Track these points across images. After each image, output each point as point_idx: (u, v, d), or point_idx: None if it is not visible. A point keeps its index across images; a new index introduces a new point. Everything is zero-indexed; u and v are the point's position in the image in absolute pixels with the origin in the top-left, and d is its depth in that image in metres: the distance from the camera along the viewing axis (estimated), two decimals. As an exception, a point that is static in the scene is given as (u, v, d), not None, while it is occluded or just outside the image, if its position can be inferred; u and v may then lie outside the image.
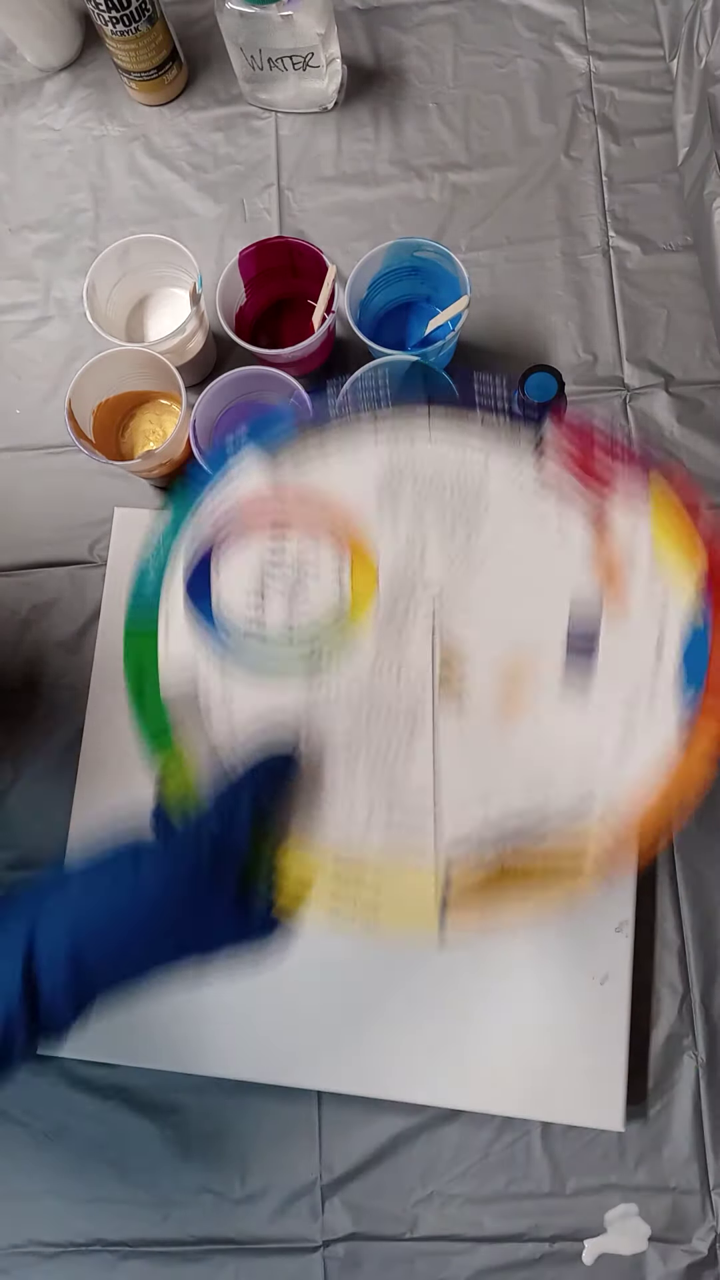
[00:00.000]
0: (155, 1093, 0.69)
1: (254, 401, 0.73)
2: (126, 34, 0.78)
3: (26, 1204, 0.69)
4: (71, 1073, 0.70)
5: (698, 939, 0.69)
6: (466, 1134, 0.67)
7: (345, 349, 0.78)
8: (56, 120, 0.86)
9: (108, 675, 0.73)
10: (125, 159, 0.85)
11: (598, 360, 0.77)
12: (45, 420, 0.80)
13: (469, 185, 0.81)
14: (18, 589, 0.78)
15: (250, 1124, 0.69)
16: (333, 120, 0.84)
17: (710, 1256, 0.65)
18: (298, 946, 0.68)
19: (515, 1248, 0.66)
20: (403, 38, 0.85)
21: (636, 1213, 0.66)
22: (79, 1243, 0.68)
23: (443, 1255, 0.67)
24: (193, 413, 0.68)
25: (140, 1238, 0.68)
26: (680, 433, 0.75)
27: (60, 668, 0.76)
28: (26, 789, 0.75)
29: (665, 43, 0.81)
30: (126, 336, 0.77)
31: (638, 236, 0.79)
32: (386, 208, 0.82)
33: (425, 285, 0.74)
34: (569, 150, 0.81)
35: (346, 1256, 0.67)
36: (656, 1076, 0.67)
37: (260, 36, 0.76)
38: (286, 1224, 0.68)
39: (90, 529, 0.78)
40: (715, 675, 0.49)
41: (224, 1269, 0.67)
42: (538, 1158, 0.67)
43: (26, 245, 0.84)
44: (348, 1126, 0.68)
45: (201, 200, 0.83)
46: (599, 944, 0.66)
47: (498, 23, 0.84)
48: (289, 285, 0.75)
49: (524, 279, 0.79)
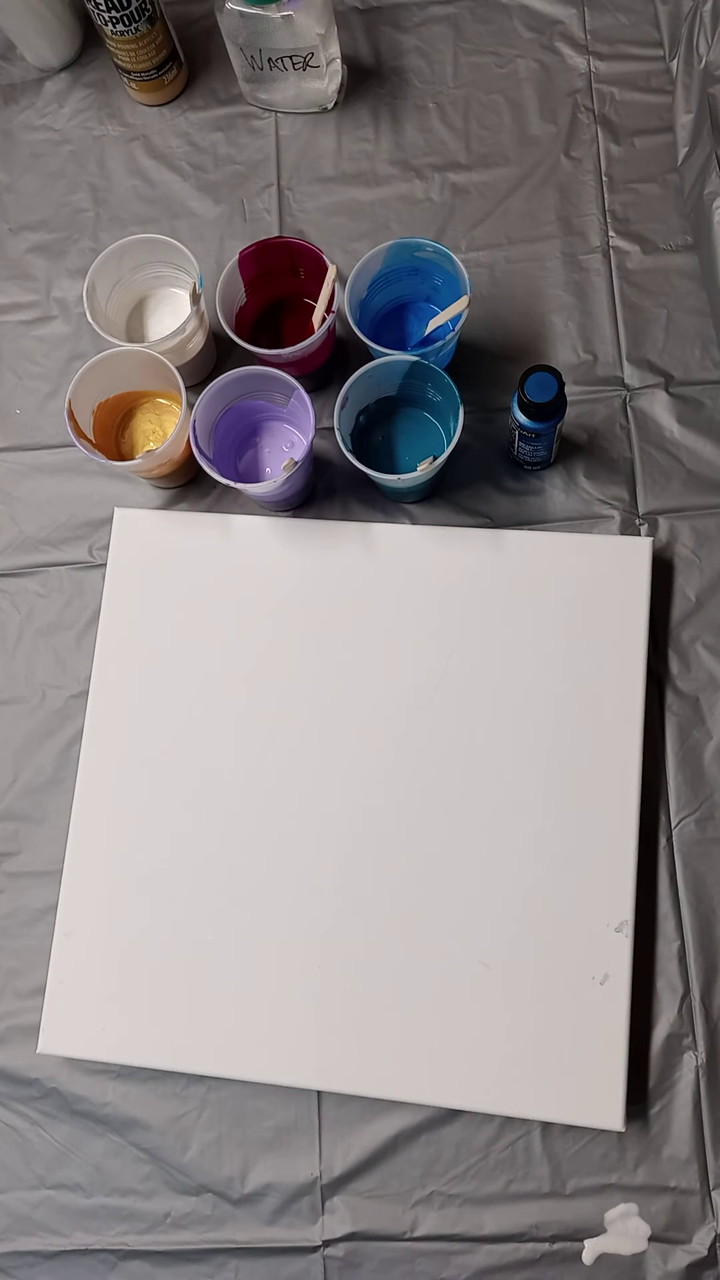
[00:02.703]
0: (155, 1093, 0.70)
1: (254, 401, 0.73)
2: (126, 34, 0.78)
3: (27, 1204, 0.69)
4: (72, 1073, 0.70)
5: (698, 939, 0.69)
6: (466, 1134, 0.67)
7: (345, 349, 0.78)
8: (56, 120, 0.86)
9: (108, 675, 0.73)
10: (125, 159, 0.85)
11: (598, 360, 0.77)
12: (45, 420, 0.80)
13: (469, 185, 0.81)
14: (18, 589, 0.78)
15: (250, 1124, 0.69)
16: (333, 120, 0.84)
17: (710, 1256, 0.65)
18: (297, 945, 0.68)
19: (515, 1248, 0.66)
20: (403, 38, 0.85)
21: (636, 1213, 0.66)
22: (79, 1243, 0.68)
23: (443, 1255, 0.67)
24: (193, 413, 0.68)
25: (140, 1238, 0.68)
26: (680, 433, 0.75)
27: (60, 668, 0.76)
28: (27, 789, 0.75)
29: (665, 43, 0.81)
30: (126, 336, 0.77)
31: (638, 236, 0.79)
32: (386, 208, 0.82)
33: (425, 285, 0.74)
34: (569, 150, 0.81)
35: (346, 1256, 0.67)
36: (656, 1076, 0.67)
37: (260, 36, 0.76)
38: (286, 1224, 0.68)
39: (90, 529, 0.78)
40: None
41: (224, 1269, 0.67)
42: (538, 1158, 0.67)
43: (26, 245, 0.84)
44: (348, 1126, 0.68)
45: (201, 200, 0.83)
46: (599, 944, 0.66)
47: (498, 23, 0.84)
48: (289, 285, 0.75)
49: (524, 279, 0.79)
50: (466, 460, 0.76)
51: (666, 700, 0.72)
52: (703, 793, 0.70)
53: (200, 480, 0.78)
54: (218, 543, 0.75)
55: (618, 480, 0.75)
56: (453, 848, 0.69)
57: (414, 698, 0.71)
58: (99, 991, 0.69)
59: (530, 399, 0.64)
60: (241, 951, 0.69)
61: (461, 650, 0.71)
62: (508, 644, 0.71)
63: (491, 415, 0.76)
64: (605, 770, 0.69)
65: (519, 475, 0.76)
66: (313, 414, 0.68)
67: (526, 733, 0.70)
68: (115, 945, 0.70)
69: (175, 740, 0.72)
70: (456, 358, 0.77)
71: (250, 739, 0.72)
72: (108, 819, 0.71)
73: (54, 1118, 0.70)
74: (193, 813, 0.71)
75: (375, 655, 0.72)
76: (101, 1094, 0.70)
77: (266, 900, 0.69)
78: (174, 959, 0.69)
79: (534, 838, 0.68)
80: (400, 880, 0.69)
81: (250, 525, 0.75)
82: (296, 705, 0.72)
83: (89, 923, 0.70)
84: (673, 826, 0.70)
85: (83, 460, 0.79)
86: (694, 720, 0.71)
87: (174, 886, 0.70)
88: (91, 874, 0.71)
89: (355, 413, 0.71)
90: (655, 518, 0.74)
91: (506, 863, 0.68)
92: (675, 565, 0.74)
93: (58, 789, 0.74)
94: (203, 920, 0.69)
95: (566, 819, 0.68)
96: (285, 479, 0.67)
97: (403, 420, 0.75)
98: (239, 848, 0.70)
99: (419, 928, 0.68)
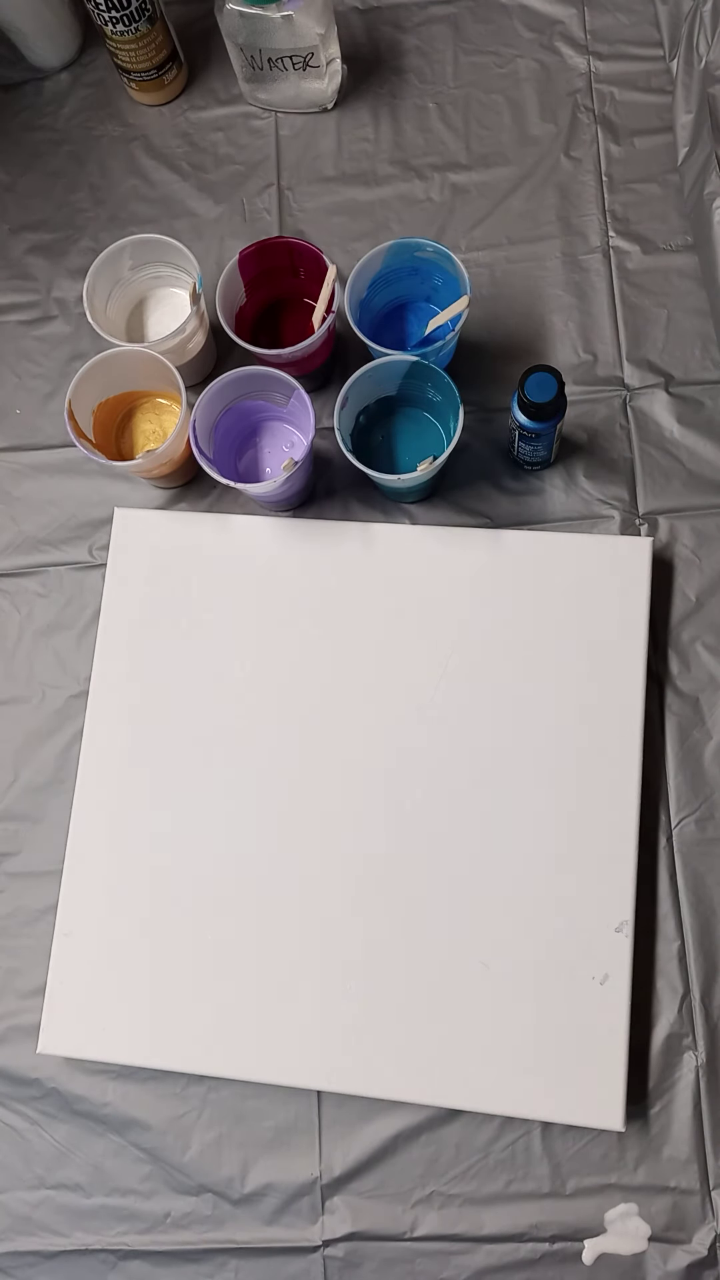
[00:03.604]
0: (155, 1093, 0.70)
1: (254, 401, 0.73)
2: (126, 34, 0.78)
3: (27, 1204, 0.69)
4: (72, 1073, 0.70)
5: (698, 939, 0.69)
6: (466, 1134, 0.67)
7: (345, 349, 0.78)
8: (56, 120, 0.86)
9: (108, 675, 0.73)
10: (125, 159, 0.85)
11: (598, 360, 0.77)
12: (45, 420, 0.80)
13: (469, 185, 0.81)
14: (18, 589, 0.78)
15: (250, 1124, 0.69)
16: (333, 120, 0.84)
17: (710, 1256, 0.65)
18: (297, 945, 0.68)
19: (515, 1248, 0.66)
20: (403, 38, 0.85)
21: (636, 1213, 0.66)
22: (79, 1243, 0.68)
23: (443, 1255, 0.67)
24: (193, 413, 0.68)
25: (140, 1238, 0.68)
26: (680, 433, 0.75)
27: (60, 668, 0.76)
28: (27, 789, 0.75)
29: (665, 43, 0.81)
30: (126, 336, 0.77)
31: (638, 236, 0.79)
32: (386, 208, 0.82)
33: (425, 285, 0.74)
34: (569, 150, 0.81)
35: (346, 1256, 0.67)
36: (656, 1076, 0.67)
37: (260, 36, 0.76)
38: (286, 1224, 0.68)
39: (90, 529, 0.78)
40: None
41: (224, 1269, 0.67)
42: (538, 1158, 0.67)
43: (26, 245, 0.84)
44: (348, 1126, 0.68)
45: (201, 200, 0.83)
46: (599, 944, 0.66)
47: (498, 23, 0.84)
48: (289, 285, 0.75)
49: (524, 279, 0.79)
50: (466, 460, 0.76)
51: (666, 700, 0.72)
52: (703, 793, 0.70)
53: (200, 480, 0.78)
54: (218, 543, 0.75)
55: (618, 480, 0.75)
56: (452, 847, 0.69)
57: (414, 697, 0.71)
58: (99, 991, 0.69)
59: (530, 399, 0.64)
60: (241, 951, 0.69)
61: (461, 650, 0.71)
62: (508, 644, 0.71)
63: (491, 415, 0.76)
64: (605, 770, 0.69)
65: (519, 475, 0.76)
66: (313, 414, 0.68)
67: (526, 733, 0.70)
68: (115, 945, 0.70)
69: (175, 740, 0.72)
70: (456, 358, 0.77)
71: (250, 739, 0.72)
72: (108, 819, 0.71)
73: (54, 1118, 0.70)
74: (193, 813, 0.71)
75: (375, 655, 0.72)
76: (101, 1094, 0.70)
77: (266, 900, 0.69)
78: (174, 959, 0.69)
79: (534, 838, 0.68)
80: (400, 880, 0.69)
81: (250, 525, 0.75)
82: (296, 705, 0.72)
83: (89, 923, 0.70)
84: (673, 827, 0.70)
85: (83, 460, 0.79)
86: (694, 720, 0.71)
87: (174, 886, 0.70)
88: (91, 874, 0.71)
89: (355, 413, 0.71)
90: (655, 518, 0.74)
91: (506, 863, 0.68)
92: (675, 565, 0.74)
93: (58, 789, 0.74)
94: (202, 920, 0.69)
95: (566, 819, 0.68)
96: (285, 479, 0.67)
97: (403, 420, 0.75)
98: (238, 848, 0.70)
99: (419, 928, 0.68)
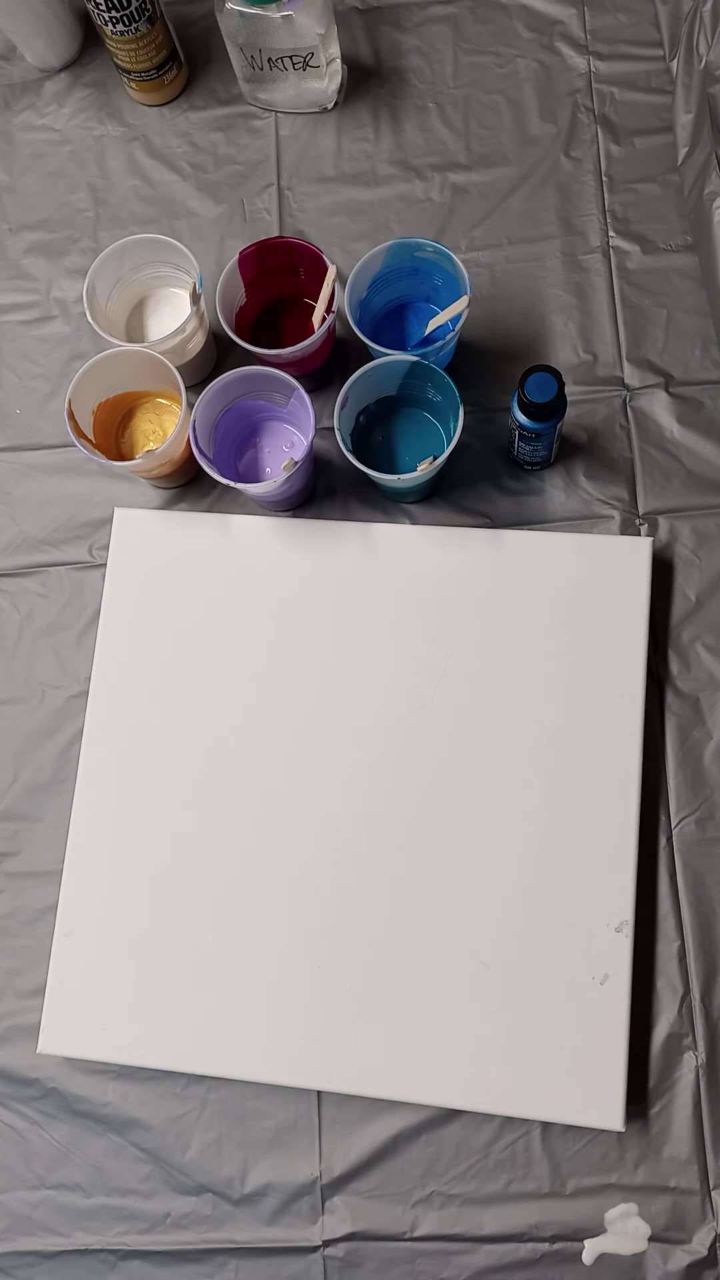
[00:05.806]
0: (155, 1093, 0.70)
1: (254, 401, 0.73)
2: (126, 34, 0.78)
3: (27, 1204, 0.69)
4: (72, 1073, 0.70)
5: (698, 939, 0.69)
6: (466, 1134, 0.67)
7: (345, 349, 0.78)
8: (56, 120, 0.86)
9: (108, 675, 0.73)
10: (125, 159, 0.85)
11: (598, 360, 0.77)
12: (45, 420, 0.80)
13: (469, 185, 0.81)
14: (18, 589, 0.78)
15: (250, 1124, 0.69)
16: (333, 120, 0.84)
17: (710, 1256, 0.65)
18: (297, 945, 0.68)
19: (515, 1248, 0.66)
20: (403, 38, 0.85)
21: (636, 1213, 0.66)
22: (79, 1243, 0.68)
23: (443, 1255, 0.67)
24: (193, 413, 0.68)
25: (140, 1238, 0.68)
26: (680, 433, 0.75)
27: (60, 668, 0.76)
28: (27, 789, 0.75)
29: (665, 43, 0.81)
30: (126, 336, 0.77)
31: (638, 236, 0.79)
32: (386, 208, 0.82)
33: (425, 285, 0.74)
34: (569, 150, 0.81)
35: (346, 1256, 0.67)
36: (656, 1076, 0.67)
37: (260, 36, 0.76)
38: (286, 1224, 0.68)
39: (90, 529, 0.78)
40: None
41: (224, 1269, 0.67)
42: (538, 1158, 0.67)
43: (26, 245, 0.84)
44: (348, 1126, 0.68)
45: (201, 200, 0.83)
46: (599, 944, 0.66)
47: (498, 23, 0.84)
48: (289, 285, 0.75)
49: (524, 279, 0.79)
50: (466, 460, 0.76)
51: (666, 700, 0.72)
52: (703, 793, 0.70)
53: (200, 480, 0.78)
54: (218, 543, 0.75)
55: (618, 480, 0.75)
56: (452, 847, 0.69)
57: (414, 697, 0.71)
58: (99, 991, 0.69)
59: (530, 399, 0.64)
60: (241, 951, 0.69)
61: (461, 650, 0.71)
62: (508, 644, 0.71)
63: (491, 415, 0.76)
64: (605, 770, 0.69)
65: (519, 475, 0.76)
66: (313, 414, 0.68)
67: (526, 733, 0.70)
68: (115, 945, 0.70)
69: (175, 740, 0.72)
70: (456, 358, 0.77)
71: (249, 738, 0.72)
72: (108, 819, 0.71)
73: (54, 1118, 0.70)
74: (193, 812, 0.71)
75: (375, 655, 0.72)
76: (101, 1094, 0.70)
77: (266, 900, 0.69)
78: (174, 959, 0.69)
79: (534, 837, 0.68)
80: (400, 880, 0.69)
81: (250, 525, 0.75)
82: (296, 705, 0.72)
83: (89, 923, 0.70)
84: (673, 826, 0.70)
85: (83, 460, 0.79)
86: (694, 720, 0.71)
87: (174, 886, 0.70)
88: (91, 874, 0.71)
89: (355, 413, 0.71)
90: (655, 518, 0.74)
91: (507, 862, 0.68)
92: (675, 565, 0.74)
93: (58, 789, 0.74)
94: (203, 920, 0.69)
95: (567, 819, 0.68)
96: (285, 479, 0.67)
97: (403, 420, 0.75)
98: (239, 847, 0.70)
99: (419, 928, 0.68)
